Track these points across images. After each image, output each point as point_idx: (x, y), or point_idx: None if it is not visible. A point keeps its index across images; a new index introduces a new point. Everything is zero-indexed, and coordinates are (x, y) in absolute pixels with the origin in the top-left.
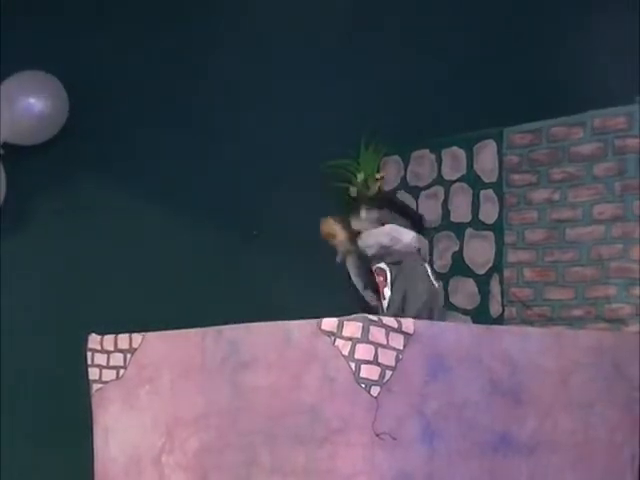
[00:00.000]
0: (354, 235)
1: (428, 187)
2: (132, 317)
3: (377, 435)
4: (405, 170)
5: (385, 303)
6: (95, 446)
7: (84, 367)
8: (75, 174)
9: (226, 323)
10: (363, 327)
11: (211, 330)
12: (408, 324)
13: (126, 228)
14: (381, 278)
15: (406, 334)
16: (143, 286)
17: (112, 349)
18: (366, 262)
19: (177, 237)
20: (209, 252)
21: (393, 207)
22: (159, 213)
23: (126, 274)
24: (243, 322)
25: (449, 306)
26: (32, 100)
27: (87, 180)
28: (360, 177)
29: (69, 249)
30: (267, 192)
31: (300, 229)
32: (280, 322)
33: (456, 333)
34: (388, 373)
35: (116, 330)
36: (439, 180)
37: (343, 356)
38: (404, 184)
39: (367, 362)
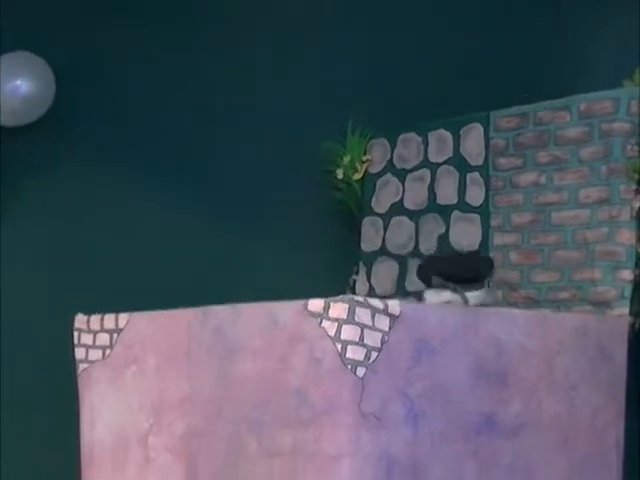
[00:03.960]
0: None
1: (414, 170)
2: (124, 300)
3: (363, 416)
4: (392, 153)
5: None
6: (81, 427)
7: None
8: (62, 154)
9: None
10: (349, 308)
11: (197, 312)
12: (394, 306)
13: (113, 208)
14: None
15: (392, 316)
16: (133, 267)
17: (98, 329)
18: None
19: (164, 216)
20: (201, 232)
21: None
22: (146, 193)
23: (115, 254)
24: None
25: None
26: (19, 82)
27: (74, 160)
28: (346, 159)
29: (57, 229)
30: (257, 176)
31: (290, 211)
32: (266, 303)
33: (441, 315)
34: (374, 354)
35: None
36: (425, 163)
37: (329, 337)
38: (391, 167)
39: (353, 343)
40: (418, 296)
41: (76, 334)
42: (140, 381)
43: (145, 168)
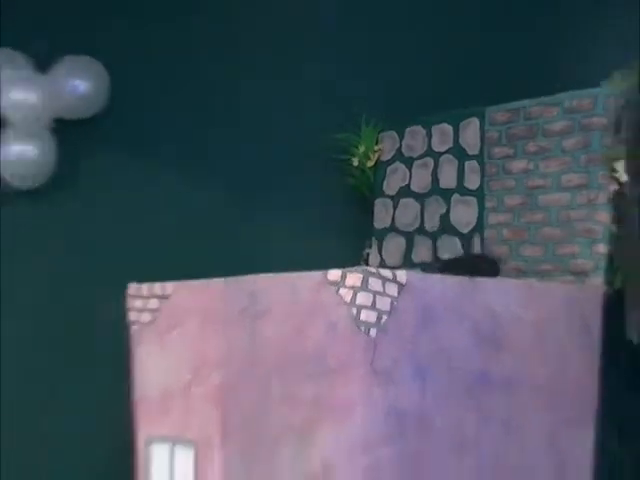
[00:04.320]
0: None
1: (420, 158)
2: (169, 273)
3: (374, 372)
4: (400, 143)
5: None
6: (134, 378)
7: (117, 315)
8: (114, 145)
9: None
10: (363, 277)
11: (232, 281)
12: (401, 275)
13: (152, 192)
14: None
15: (400, 284)
16: (172, 244)
17: (148, 295)
18: None
19: (200, 201)
20: (234, 216)
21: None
22: (177, 180)
23: (159, 233)
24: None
25: (437, 260)
26: (77, 82)
27: (122, 150)
28: (361, 149)
29: (109, 208)
30: (282, 164)
31: (311, 194)
32: (291, 274)
33: (443, 285)
34: (384, 317)
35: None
36: (429, 152)
37: (345, 303)
38: (399, 155)
39: (366, 307)
40: (422, 267)
41: (129, 300)
42: (183, 340)
43: (174, 156)
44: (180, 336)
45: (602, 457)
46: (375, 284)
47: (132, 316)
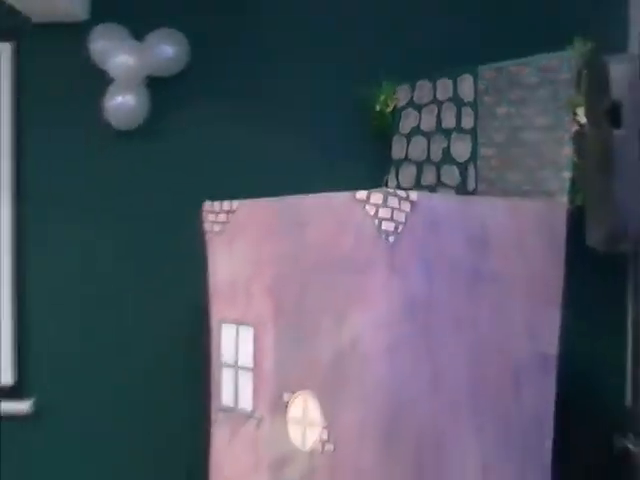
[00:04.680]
0: None
1: (427, 105)
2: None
3: (393, 270)
4: (412, 94)
5: None
6: (209, 275)
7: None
8: (194, 97)
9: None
10: (384, 197)
11: (282, 199)
12: (413, 195)
13: (221, 136)
14: None
15: (412, 202)
16: (235, 175)
17: (219, 211)
18: None
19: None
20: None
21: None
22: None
23: (224, 167)
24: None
25: (441, 184)
26: (165, 47)
27: (201, 100)
28: (382, 98)
29: (188, 148)
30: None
31: (341, 132)
32: (328, 194)
33: (446, 202)
34: (400, 227)
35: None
36: (434, 100)
37: (370, 216)
38: (412, 103)
39: (386, 220)
40: (429, 189)
41: (205, 214)
42: (245, 246)
43: (243, 105)
44: (243, 242)
45: (565, 327)
46: (393, 202)
47: (207, 227)
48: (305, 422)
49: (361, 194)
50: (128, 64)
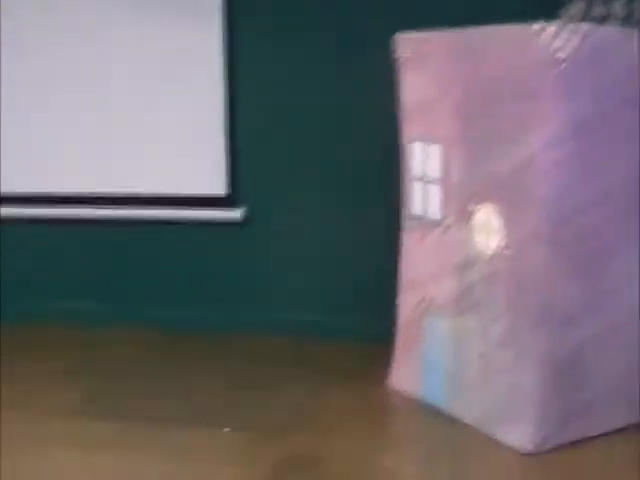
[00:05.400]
0: None
1: None
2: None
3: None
4: None
5: None
6: (401, 96)
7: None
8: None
9: None
10: (557, 28)
11: (466, 30)
12: (583, 27)
13: None
14: None
15: (582, 33)
16: None
17: (410, 40)
18: None
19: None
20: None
21: None
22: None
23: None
24: None
25: (609, 17)
26: None
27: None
28: None
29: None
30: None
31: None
32: (509, 25)
33: (613, 33)
34: (570, 56)
35: None
36: None
37: (544, 46)
38: None
39: (558, 49)
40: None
41: (397, 42)
42: (433, 70)
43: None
44: (431, 68)
45: None
46: (565, 33)
47: (398, 54)
48: (487, 230)
49: (537, 26)
50: None
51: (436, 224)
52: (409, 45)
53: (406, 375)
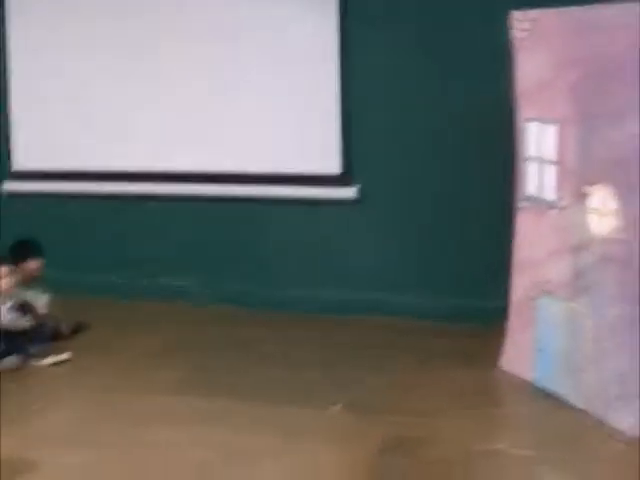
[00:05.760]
0: None
1: None
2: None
3: None
4: None
5: None
6: (516, 76)
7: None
8: None
9: None
10: None
11: (581, 8)
12: None
13: None
14: None
15: None
16: None
17: (524, 19)
18: None
19: None
20: None
21: None
22: None
23: None
24: None
25: None
26: None
27: None
28: None
29: None
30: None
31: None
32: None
33: None
34: None
35: None
36: None
37: None
38: None
39: None
40: None
41: (512, 22)
42: (549, 50)
43: None
44: (546, 48)
45: None
46: None
47: (514, 34)
48: (602, 212)
49: None
50: None
51: (551, 205)
52: (524, 23)
53: (517, 357)
